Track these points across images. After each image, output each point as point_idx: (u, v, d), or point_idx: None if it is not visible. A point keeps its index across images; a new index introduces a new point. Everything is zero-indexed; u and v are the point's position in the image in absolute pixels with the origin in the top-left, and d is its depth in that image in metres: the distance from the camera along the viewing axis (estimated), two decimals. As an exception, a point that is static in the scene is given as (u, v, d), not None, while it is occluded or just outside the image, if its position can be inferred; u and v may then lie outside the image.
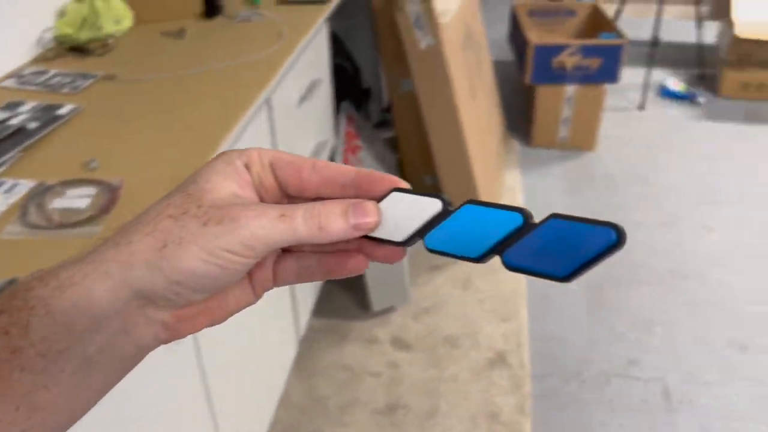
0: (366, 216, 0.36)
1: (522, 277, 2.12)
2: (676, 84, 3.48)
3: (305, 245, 0.39)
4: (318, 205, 0.36)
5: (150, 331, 0.34)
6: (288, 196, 0.39)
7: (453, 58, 2.11)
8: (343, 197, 0.37)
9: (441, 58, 2.04)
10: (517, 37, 3.17)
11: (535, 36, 3.01)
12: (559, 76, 2.83)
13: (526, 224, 0.35)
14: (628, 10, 3.56)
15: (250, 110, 1.25)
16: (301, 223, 0.35)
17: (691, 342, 1.95)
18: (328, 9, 1.84)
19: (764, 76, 3.32)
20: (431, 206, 0.37)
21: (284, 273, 0.40)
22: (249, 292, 0.39)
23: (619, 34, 2.86)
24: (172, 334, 0.35)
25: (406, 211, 0.37)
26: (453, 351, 1.92)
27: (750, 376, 1.84)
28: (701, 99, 3.40)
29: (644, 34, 3.60)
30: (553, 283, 0.34)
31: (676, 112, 3.34)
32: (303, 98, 1.70)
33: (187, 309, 0.35)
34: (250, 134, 1.31)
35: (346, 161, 2.08)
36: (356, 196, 0.38)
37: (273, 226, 0.34)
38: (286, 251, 0.40)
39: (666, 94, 3.47)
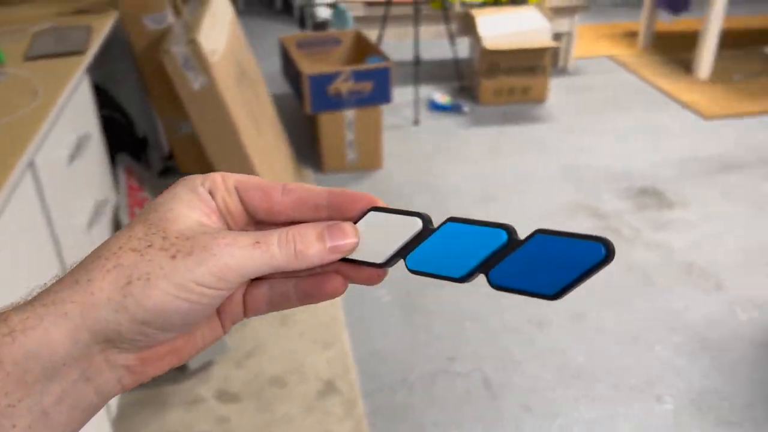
0: (343, 238, 0.35)
1: (338, 302, 2.14)
2: (442, 97, 3.79)
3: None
4: (292, 229, 0.34)
5: (113, 376, 0.31)
6: (256, 222, 0.36)
7: (230, 95, 2.08)
8: (317, 220, 0.36)
9: (218, 98, 2.01)
10: (290, 69, 3.22)
11: (307, 66, 3.09)
12: (336, 103, 2.93)
13: (511, 241, 0.33)
14: (389, 34, 3.80)
15: (9, 179, 1.11)
16: (276, 250, 0.33)
17: (499, 329, 2.12)
18: (87, 60, 1.71)
19: (511, 82, 3.74)
20: (411, 225, 0.35)
21: (256, 302, 0.37)
22: (217, 326, 0.36)
23: (384, 57, 3.04)
24: (137, 378, 0.32)
25: (385, 231, 0.36)
26: (281, 390, 1.88)
27: (550, 348, 2.03)
28: (465, 108, 3.74)
29: (407, 54, 3.87)
30: (367, 301, 0.33)
31: (446, 122, 3.63)
32: (73, 157, 1.56)
33: (153, 350, 0.32)
34: (15, 204, 1.16)
35: (132, 217, 1.94)
36: (331, 218, 0.36)
37: (247, 255, 0.32)
38: (257, 279, 0.37)
39: (435, 107, 3.76)
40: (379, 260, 0.36)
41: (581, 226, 2.61)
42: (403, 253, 0.36)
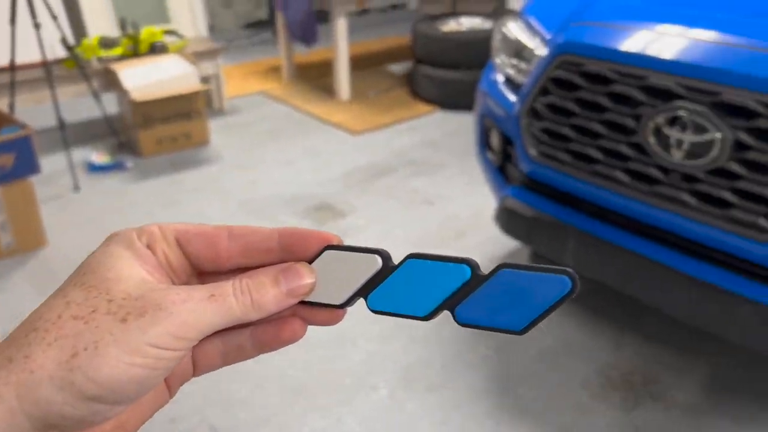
0: (299, 279, 0.32)
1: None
2: (100, 157, 3.57)
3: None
4: (246, 278, 0.31)
5: None
6: (200, 273, 0.33)
7: None
8: (269, 264, 0.33)
9: None
10: None
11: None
12: (-27, 184, 2.55)
13: (475, 276, 0.33)
14: (23, 100, 3.46)
15: None
16: (233, 302, 0.30)
17: (215, 373, 2.07)
18: None
19: (170, 130, 3.70)
20: (370, 263, 0.34)
21: (207, 358, 0.34)
22: (163, 390, 0.32)
23: (21, 126, 2.75)
24: None
25: (343, 270, 0.33)
26: None
27: (268, 374, 2.07)
28: (129, 164, 3.58)
29: (50, 119, 3.56)
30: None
31: (110, 182, 3.43)
32: None
33: (98, 428, 0.28)
34: None
35: None
36: (283, 261, 0.33)
37: (204, 309, 0.28)
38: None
39: (95, 169, 3.52)
40: (338, 301, 0.35)
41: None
42: (363, 292, 0.35)
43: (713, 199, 1.50)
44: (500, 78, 2.07)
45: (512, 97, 1.94)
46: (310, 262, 0.34)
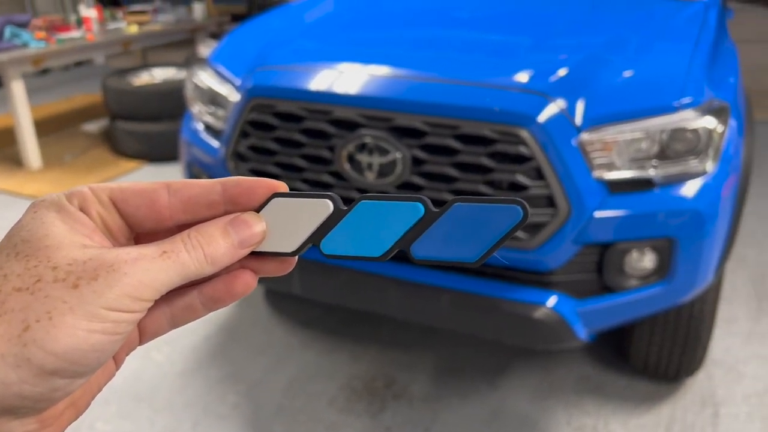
0: (249, 228, 0.31)
1: None
2: None
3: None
4: (194, 231, 0.29)
5: None
6: (138, 235, 0.31)
7: None
8: (214, 217, 0.31)
9: None
10: None
11: None
12: None
13: (428, 213, 0.32)
14: None
15: None
16: (186, 257, 0.28)
17: None
18: None
19: None
20: (321, 208, 0.33)
21: (154, 324, 0.31)
22: (110, 363, 0.30)
23: None
24: None
25: (293, 217, 0.33)
26: None
27: None
28: None
29: None
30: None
31: None
32: None
33: (52, 408, 0.26)
34: None
35: None
36: (228, 213, 0.31)
37: (158, 268, 0.27)
38: None
39: None
40: (290, 248, 0.33)
41: None
42: (315, 238, 0.34)
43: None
44: (200, 126, 2.09)
45: (215, 143, 1.98)
46: (257, 211, 0.33)
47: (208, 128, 2.06)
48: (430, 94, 1.64)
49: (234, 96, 1.89)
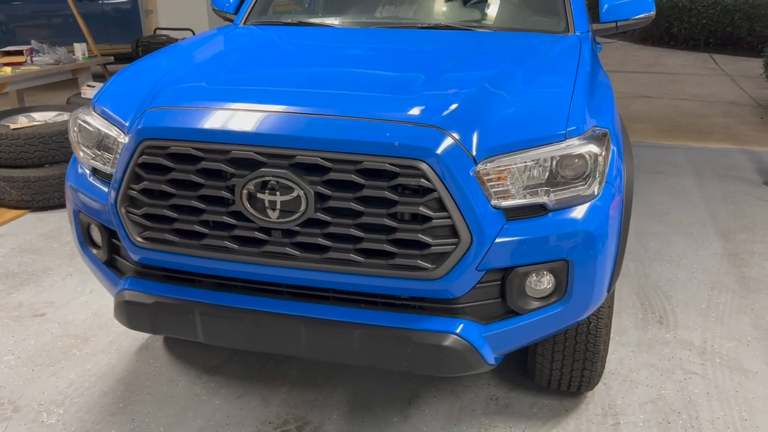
0: None
1: None
2: None
3: None
4: None
5: None
6: None
7: None
8: None
9: None
10: None
11: None
12: None
13: None
14: None
15: None
16: None
17: None
18: None
19: None
20: None
21: None
22: None
23: None
24: None
25: None
26: None
27: None
28: None
29: None
30: None
31: None
32: None
33: None
34: None
35: None
36: None
37: None
38: None
39: None
40: None
41: None
42: None
43: (313, 247, 1.68)
44: (87, 171, 1.98)
45: (104, 188, 1.88)
46: None
47: (96, 172, 1.95)
48: (331, 131, 1.64)
49: (123, 138, 1.81)
